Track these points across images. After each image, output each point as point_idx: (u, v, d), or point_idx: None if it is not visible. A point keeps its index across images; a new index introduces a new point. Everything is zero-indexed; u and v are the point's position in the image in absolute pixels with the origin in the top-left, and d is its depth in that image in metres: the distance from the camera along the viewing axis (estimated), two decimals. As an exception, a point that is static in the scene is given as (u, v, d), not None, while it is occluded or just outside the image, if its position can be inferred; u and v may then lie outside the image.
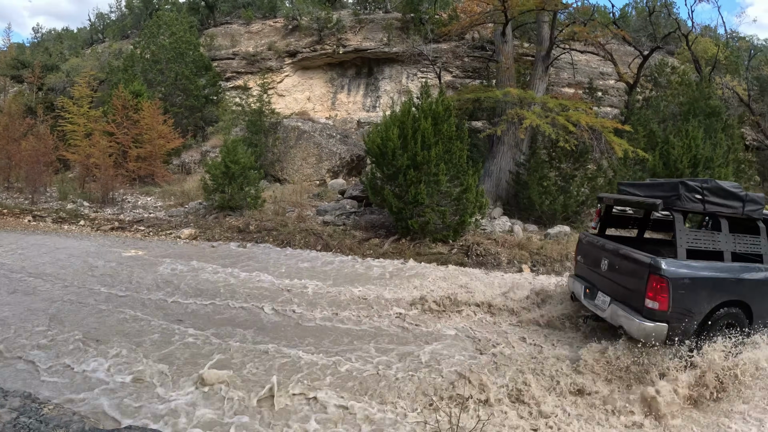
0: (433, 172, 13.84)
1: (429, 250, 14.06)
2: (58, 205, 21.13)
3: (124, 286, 11.11)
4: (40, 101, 35.78)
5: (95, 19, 50.12)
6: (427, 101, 15.03)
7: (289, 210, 18.13)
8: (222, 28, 37.62)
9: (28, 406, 5.91)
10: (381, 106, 30.61)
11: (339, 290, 11.04)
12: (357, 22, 32.21)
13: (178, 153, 26.75)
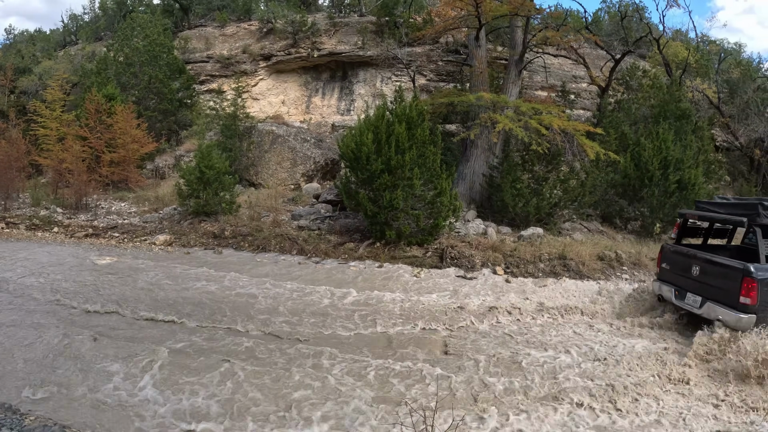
0: (407, 176, 13.93)
1: (404, 253, 14.22)
2: (31, 211, 20.93)
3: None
4: (11, 104, 35.35)
5: (68, 21, 49.21)
6: (401, 106, 15.14)
7: (264, 215, 18.13)
8: (196, 30, 37.34)
9: (10, 418, 6.00)
10: (355, 109, 30.61)
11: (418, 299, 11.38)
12: (332, 26, 32.20)
13: (152, 157, 26.57)
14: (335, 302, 11.11)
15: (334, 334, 9.42)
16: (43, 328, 9.18)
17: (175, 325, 9.65)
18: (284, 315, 10.30)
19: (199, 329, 9.45)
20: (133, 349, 8.42)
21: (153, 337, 8.96)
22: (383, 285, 12.37)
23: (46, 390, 6.98)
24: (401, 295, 11.54)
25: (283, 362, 8.15)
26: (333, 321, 10.01)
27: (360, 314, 10.37)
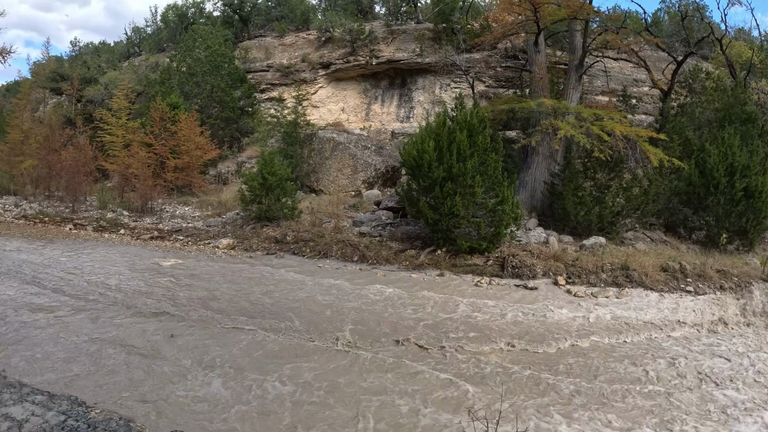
0: (468, 184, 13.88)
1: (465, 261, 14.11)
2: (98, 214, 21.74)
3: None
4: (79, 113, 36.62)
5: (131, 33, 50.91)
6: (462, 113, 15.10)
7: (325, 221, 18.26)
8: (256, 41, 38.11)
9: (75, 410, 6.14)
10: (415, 116, 30.71)
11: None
12: (389, 33, 32.33)
13: (215, 163, 27.23)
14: (455, 313, 10.83)
15: (510, 351, 9.19)
16: (116, 326, 9.50)
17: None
18: (431, 328, 9.98)
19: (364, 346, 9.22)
20: (210, 349, 8.61)
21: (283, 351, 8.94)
22: (483, 295, 12.13)
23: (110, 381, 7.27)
24: (518, 308, 11.24)
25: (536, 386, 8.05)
26: (486, 334, 9.72)
27: (497, 328, 10.05)
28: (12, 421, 5.76)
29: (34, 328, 9.23)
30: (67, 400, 6.44)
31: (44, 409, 6.12)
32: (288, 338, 9.37)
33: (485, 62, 29.32)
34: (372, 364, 8.44)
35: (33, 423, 5.76)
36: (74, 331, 9.18)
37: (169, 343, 8.91)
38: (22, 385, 6.84)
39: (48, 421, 5.83)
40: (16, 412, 6.01)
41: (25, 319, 9.74)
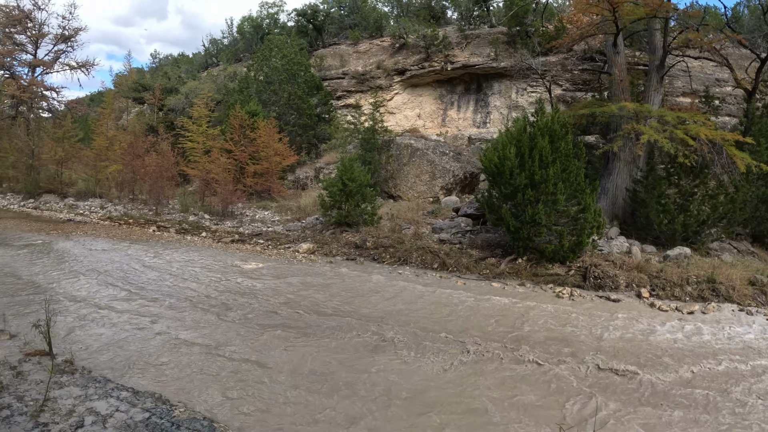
0: (550, 191, 13.65)
1: (546, 271, 13.84)
2: (180, 217, 22.57)
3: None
4: (160, 121, 38.02)
5: (209, 45, 52.62)
6: (542, 118, 14.92)
7: (404, 227, 18.25)
8: (330, 49, 38.75)
9: (160, 408, 6.23)
10: (491, 122, 30.62)
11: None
12: (463, 38, 32.31)
13: (293, 169, 27.85)
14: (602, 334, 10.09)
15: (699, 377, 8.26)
16: (202, 327, 9.70)
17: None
18: (542, 344, 9.36)
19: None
20: (305, 351, 8.63)
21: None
22: (571, 308, 11.56)
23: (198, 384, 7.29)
24: (616, 324, 10.57)
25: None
26: (613, 354, 8.96)
27: (611, 349, 9.22)
28: (96, 416, 5.87)
29: (119, 327, 9.49)
30: (151, 397, 6.57)
31: (129, 405, 6.24)
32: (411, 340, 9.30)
33: (561, 65, 28.83)
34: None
35: (117, 418, 5.86)
36: (158, 330, 9.41)
37: (261, 344, 8.95)
38: (107, 381, 6.97)
39: (132, 417, 5.93)
40: (101, 406, 6.13)
41: (110, 317, 10.05)
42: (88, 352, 8.15)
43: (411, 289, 12.86)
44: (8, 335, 8.54)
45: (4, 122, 40.11)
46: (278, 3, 48.27)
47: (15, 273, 13.41)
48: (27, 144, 32.58)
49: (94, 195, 29.24)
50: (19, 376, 6.82)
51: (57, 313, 9.70)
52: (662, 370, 8.33)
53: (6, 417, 5.64)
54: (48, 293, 11.35)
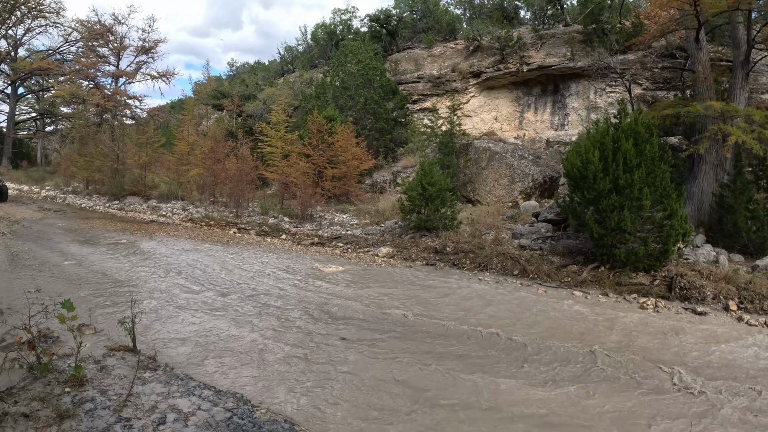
0: (635, 196, 13.21)
1: (629, 280, 13.31)
2: (260, 219, 23.11)
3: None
4: (239, 126, 39.13)
5: (284, 52, 53.78)
6: (626, 120, 14.54)
7: (484, 232, 18.05)
8: (405, 53, 39.01)
9: (241, 408, 6.22)
10: (569, 124, 30.27)
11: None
12: (538, 38, 31.99)
13: (371, 173, 28.17)
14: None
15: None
16: (286, 328, 9.74)
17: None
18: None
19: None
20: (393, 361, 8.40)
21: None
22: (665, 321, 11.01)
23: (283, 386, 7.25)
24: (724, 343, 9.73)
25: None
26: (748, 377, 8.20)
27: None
28: (178, 413, 5.91)
29: (202, 326, 9.66)
30: (233, 397, 6.58)
31: (210, 404, 6.25)
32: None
33: (641, 63, 28.02)
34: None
35: (199, 417, 5.87)
36: (241, 331, 9.48)
37: (344, 348, 8.84)
38: (189, 379, 7.03)
39: (214, 416, 5.93)
40: (183, 404, 6.17)
41: (193, 316, 10.25)
42: (171, 350, 8.38)
43: (508, 296, 12.69)
44: (93, 330, 8.81)
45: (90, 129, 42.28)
46: (351, 9, 49.27)
47: (101, 270, 13.97)
48: (112, 149, 34.27)
49: (176, 197, 30.40)
50: (102, 370, 6.97)
51: (141, 310, 10.09)
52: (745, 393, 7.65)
53: (89, 410, 5.76)
54: (133, 291, 11.82)
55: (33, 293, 11.04)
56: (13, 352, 6.94)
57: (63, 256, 15.71)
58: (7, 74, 53.93)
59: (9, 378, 6.34)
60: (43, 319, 8.47)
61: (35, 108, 60.48)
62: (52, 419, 5.46)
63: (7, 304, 10.27)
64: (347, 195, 25.99)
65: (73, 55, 53.62)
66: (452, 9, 43.30)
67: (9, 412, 5.53)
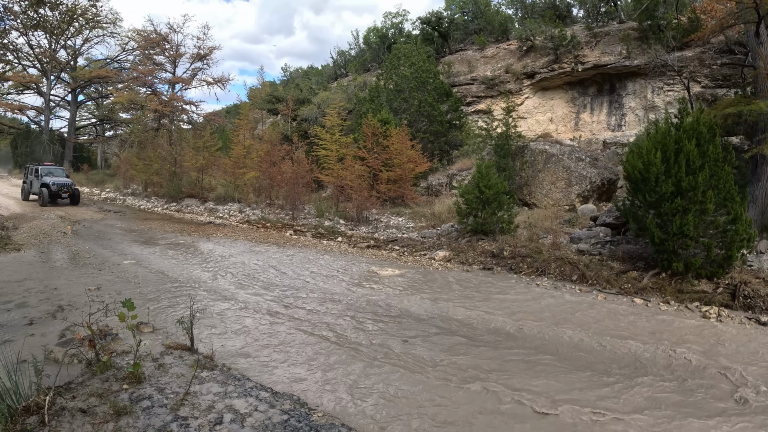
0: (698, 199, 12.83)
1: (691, 287, 12.78)
2: (316, 221, 23.45)
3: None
4: (294, 130, 39.82)
5: (337, 56, 54.44)
6: (687, 120, 14.23)
7: (541, 236, 17.79)
8: (457, 55, 39.12)
9: (298, 410, 6.15)
10: (627, 124, 29.90)
11: None
12: (592, 37, 31.72)
13: (425, 176, 28.27)
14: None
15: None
16: (348, 331, 9.61)
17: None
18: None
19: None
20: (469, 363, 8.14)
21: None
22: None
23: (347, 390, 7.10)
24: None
25: None
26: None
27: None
28: (235, 414, 5.90)
29: (259, 327, 9.65)
30: (290, 399, 6.51)
31: (267, 405, 6.19)
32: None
33: (699, 60, 27.43)
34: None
35: (255, 418, 5.84)
36: (298, 332, 9.42)
37: (405, 352, 8.59)
38: (246, 379, 6.99)
39: (270, 418, 5.88)
40: (240, 405, 6.14)
41: (250, 317, 10.27)
42: (228, 350, 8.39)
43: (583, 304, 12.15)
44: (151, 328, 8.99)
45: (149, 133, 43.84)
46: (402, 12, 49.36)
47: (159, 270, 14.29)
48: (170, 153, 35.42)
49: (233, 199, 31.18)
50: (160, 368, 7.03)
51: (199, 310, 10.17)
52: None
53: (146, 408, 5.82)
54: (191, 291, 12.05)
55: (93, 291, 11.54)
56: (73, 348, 7.17)
57: (122, 256, 16.21)
58: (68, 82, 56.34)
59: (68, 373, 6.48)
60: (102, 316, 8.79)
61: (95, 114, 62.95)
62: (109, 415, 5.57)
63: (67, 300, 10.73)
64: (402, 198, 26.13)
65: (130, 63, 55.79)
66: (504, 9, 43.21)
67: (67, 407, 5.66)
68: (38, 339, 8.30)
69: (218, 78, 50.85)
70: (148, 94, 50.31)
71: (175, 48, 49.43)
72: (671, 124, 14.34)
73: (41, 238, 18.84)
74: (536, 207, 23.03)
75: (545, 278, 14.51)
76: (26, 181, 34.53)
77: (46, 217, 24.46)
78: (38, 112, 56.88)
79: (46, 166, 33.94)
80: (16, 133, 59.33)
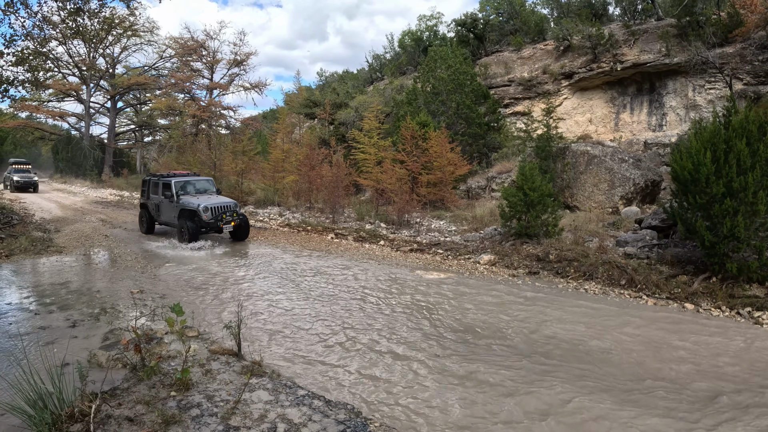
0: (750, 200, 12.53)
1: (743, 292, 12.51)
2: (357, 225, 23.39)
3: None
4: (332, 134, 40.14)
5: (372, 60, 54.68)
6: (736, 118, 13.96)
7: (587, 239, 17.54)
8: (494, 56, 39.08)
9: (354, 421, 5.95)
10: (668, 124, 29.58)
11: None
12: (630, 35, 31.40)
13: (464, 179, 28.26)
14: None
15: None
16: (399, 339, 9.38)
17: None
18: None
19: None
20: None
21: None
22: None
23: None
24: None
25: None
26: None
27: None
28: (289, 424, 5.72)
29: (307, 332, 9.54)
30: (344, 408, 6.32)
31: (321, 415, 6.00)
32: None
33: (740, 56, 26.92)
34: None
35: (311, 429, 5.66)
36: (347, 339, 9.27)
37: (461, 360, 8.34)
38: (298, 387, 6.83)
39: (326, 428, 5.71)
40: (293, 414, 5.97)
41: (297, 322, 10.17)
42: (276, 356, 8.26)
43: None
44: (196, 332, 8.86)
45: (188, 138, 44.40)
46: (436, 15, 49.41)
47: (203, 272, 14.38)
48: (209, 157, 35.89)
49: (273, 203, 31.46)
50: (207, 374, 6.91)
51: (246, 315, 10.06)
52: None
53: (196, 416, 5.69)
54: (237, 295, 11.98)
55: (136, 294, 11.65)
56: (116, 352, 7.16)
57: (164, 259, 16.32)
58: (107, 90, 57.52)
59: (111, 378, 6.38)
60: (145, 320, 8.96)
61: (134, 120, 64.22)
62: (157, 424, 5.45)
63: (110, 303, 10.87)
64: (442, 201, 26.12)
65: (168, 70, 56.67)
66: (539, 9, 43.07)
67: (113, 414, 5.56)
68: (81, 342, 8.40)
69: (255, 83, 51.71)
70: (187, 100, 51.25)
71: (212, 54, 50.30)
72: (720, 123, 14.11)
73: (83, 240, 19.16)
74: (578, 210, 22.74)
75: (593, 283, 14.24)
76: (149, 201, 21.83)
77: (88, 220, 24.85)
78: (78, 119, 58.39)
79: (181, 178, 21.41)
80: (57, 139, 60.78)
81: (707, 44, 27.13)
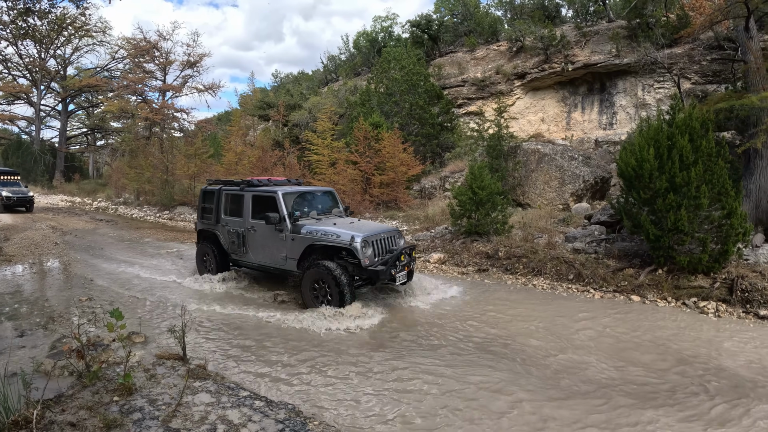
0: (692, 195, 12.81)
1: (688, 283, 12.82)
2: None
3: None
4: (286, 136, 39.68)
5: (327, 61, 54.38)
6: (680, 116, 14.18)
7: (536, 236, 17.64)
8: (448, 57, 39.09)
9: (293, 420, 6.03)
10: (618, 122, 29.87)
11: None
12: (581, 36, 31.70)
13: (418, 179, 28.17)
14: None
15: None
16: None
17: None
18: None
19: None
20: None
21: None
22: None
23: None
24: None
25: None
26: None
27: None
28: (229, 425, 5.77)
29: (249, 332, 9.73)
30: (285, 408, 6.39)
31: (261, 415, 6.08)
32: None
33: (688, 56, 27.42)
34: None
35: (250, 429, 5.73)
36: (293, 340, 9.36)
37: (395, 357, 8.54)
38: (240, 388, 6.92)
39: (265, 428, 5.78)
40: (233, 415, 6.03)
41: (243, 323, 10.29)
42: (220, 359, 8.41)
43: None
44: (143, 338, 8.95)
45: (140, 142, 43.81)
46: (391, 16, 49.44)
47: (152, 278, 14.34)
48: (162, 161, 35.39)
49: (227, 206, 30.88)
50: (152, 378, 6.94)
51: (192, 318, 10.21)
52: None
53: (137, 420, 5.73)
54: (184, 299, 11.99)
55: (84, 301, 11.53)
56: (63, 360, 7.08)
57: (115, 265, 16.15)
58: (58, 92, 56.28)
59: (58, 385, 6.42)
60: (93, 327, 8.80)
61: (86, 123, 63.04)
62: (99, 429, 5.48)
63: (59, 312, 10.66)
64: (396, 201, 25.98)
65: (120, 72, 55.82)
66: (493, 11, 43.26)
67: (56, 420, 5.59)
68: (28, 351, 8.25)
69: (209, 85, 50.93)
70: (139, 103, 50.28)
71: (165, 55, 49.42)
72: (663, 120, 14.33)
73: (33, 248, 18.70)
74: (530, 207, 22.89)
75: (541, 278, 14.47)
76: (221, 228, 13.89)
77: (38, 227, 24.30)
78: (29, 122, 57.00)
79: (290, 188, 13.70)
80: (7, 144, 59.23)
81: (656, 45, 27.50)
